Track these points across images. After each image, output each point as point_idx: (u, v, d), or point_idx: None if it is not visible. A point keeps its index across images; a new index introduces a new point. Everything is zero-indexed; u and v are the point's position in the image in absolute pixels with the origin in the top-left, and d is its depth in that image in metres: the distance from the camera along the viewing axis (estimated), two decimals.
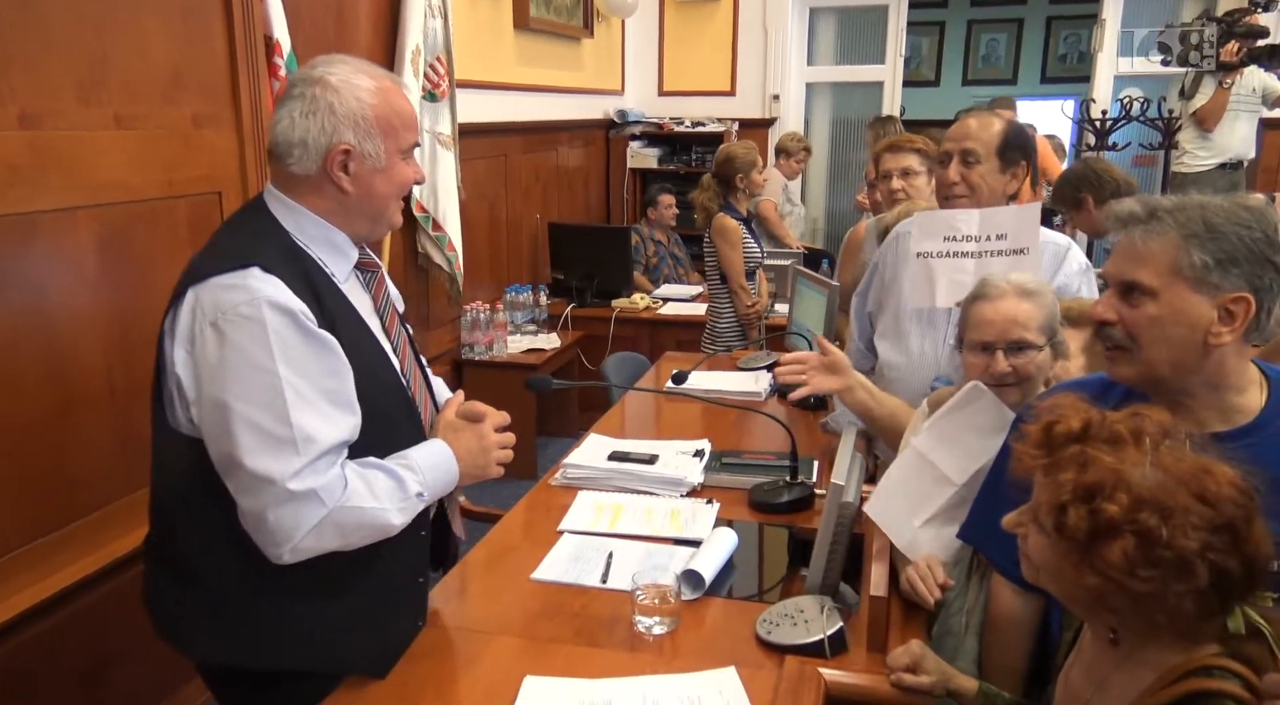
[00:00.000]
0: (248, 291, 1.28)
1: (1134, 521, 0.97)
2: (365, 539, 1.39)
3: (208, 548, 1.38)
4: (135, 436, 2.50)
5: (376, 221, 1.47)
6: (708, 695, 1.42)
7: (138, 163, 2.48)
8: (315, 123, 1.36)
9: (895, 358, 2.32)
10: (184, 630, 1.43)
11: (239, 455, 1.27)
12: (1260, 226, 1.22)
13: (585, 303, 4.89)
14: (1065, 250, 2.19)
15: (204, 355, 1.29)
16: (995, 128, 2.16)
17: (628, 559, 1.86)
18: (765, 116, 6.61)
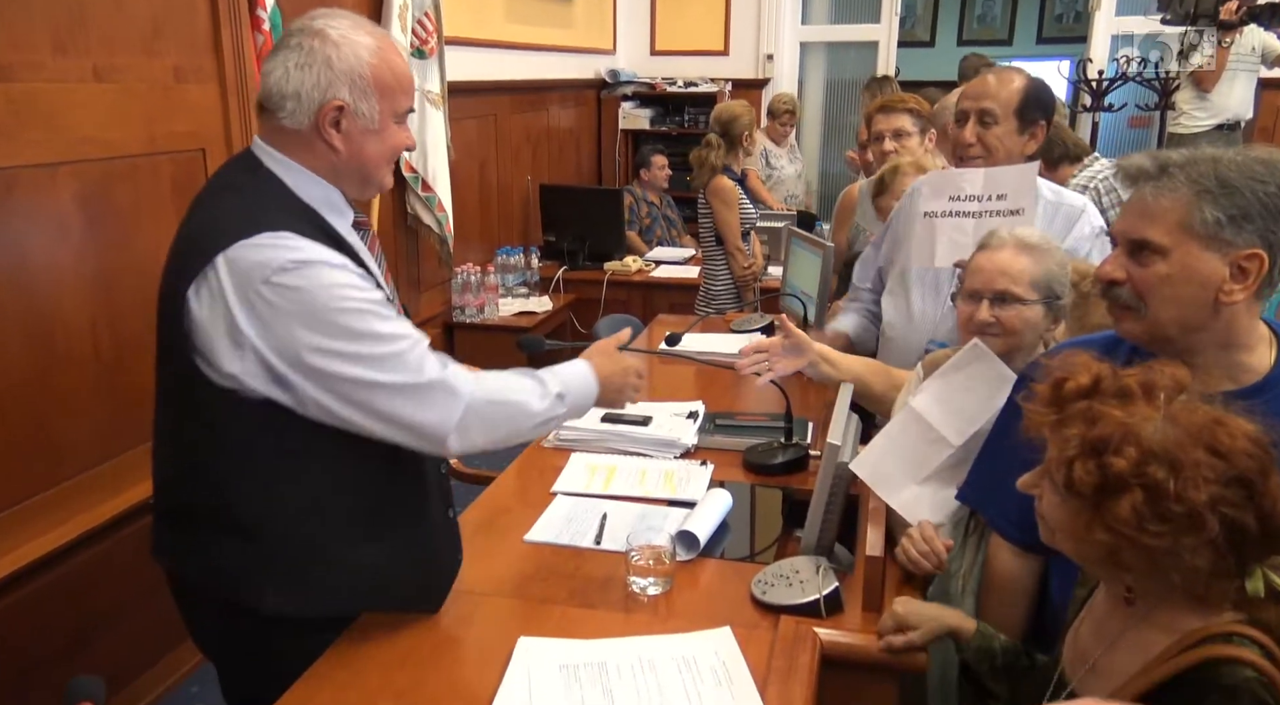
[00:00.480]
0: (287, 249, 1.27)
1: (1142, 475, 0.96)
2: (512, 432, 1.43)
3: (270, 504, 1.37)
4: (123, 398, 2.48)
5: (366, 183, 1.43)
6: (703, 655, 1.41)
7: (118, 117, 2.42)
8: (310, 76, 1.32)
9: (896, 317, 2.30)
10: (248, 586, 1.38)
11: (362, 382, 1.29)
12: (1275, 179, 1.18)
13: (577, 265, 4.85)
14: (1080, 212, 2.14)
15: (270, 313, 1.26)
16: (1015, 85, 2.08)
17: (622, 520, 1.84)
18: (759, 77, 6.53)
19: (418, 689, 1.37)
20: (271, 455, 1.35)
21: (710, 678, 1.36)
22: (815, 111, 7.14)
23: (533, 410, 1.44)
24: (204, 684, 2.74)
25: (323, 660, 1.43)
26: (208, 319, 1.28)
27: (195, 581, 1.45)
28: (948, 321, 2.17)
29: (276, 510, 1.37)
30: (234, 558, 1.38)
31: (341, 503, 1.40)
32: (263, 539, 1.38)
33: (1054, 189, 2.19)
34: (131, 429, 2.51)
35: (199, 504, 1.40)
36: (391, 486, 1.45)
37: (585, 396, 1.54)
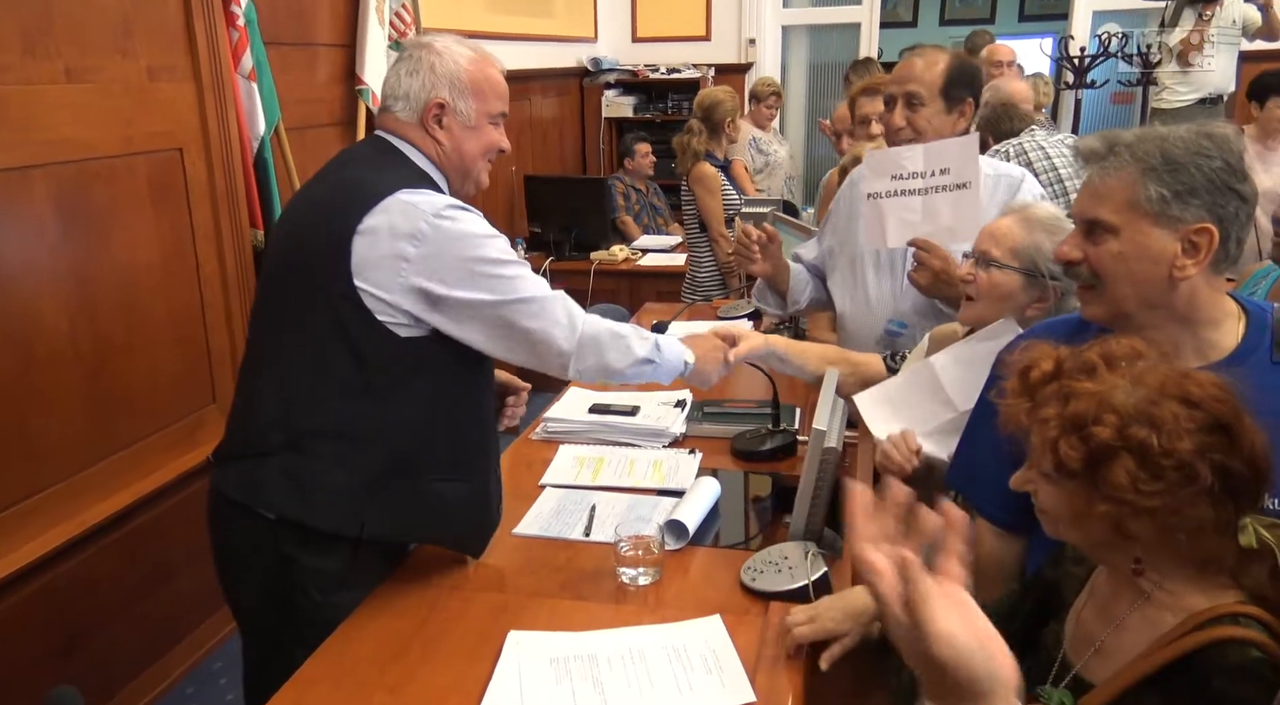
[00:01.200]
0: (441, 197, 1.51)
1: (1126, 438, 0.96)
2: (619, 359, 1.61)
3: (383, 436, 1.52)
4: (105, 402, 2.46)
5: (466, 177, 1.64)
6: (693, 644, 1.41)
7: (92, 118, 2.39)
8: (417, 80, 1.57)
9: (852, 305, 2.29)
10: (346, 510, 1.52)
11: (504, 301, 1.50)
12: (1221, 154, 1.20)
13: (564, 256, 4.83)
14: (1019, 182, 2.17)
15: (434, 244, 1.46)
16: (939, 67, 2.08)
17: (611, 511, 1.84)
18: (741, 61, 6.50)
19: (410, 684, 1.37)
20: (396, 386, 1.51)
21: (700, 666, 1.36)
22: (798, 95, 7.12)
23: (634, 347, 1.63)
24: (199, 685, 2.74)
25: (314, 657, 1.43)
26: (376, 254, 1.45)
27: (287, 518, 1.51)
28: (906, 300, 2.17)
29: (387, 441, 1.52)
30: (342, 488, 1.51)
31: (439, 438, 1.57)
32: (369, 469, 1.52)
33: (991, 163, 2.20)
34: (114, 433, 2.50)
35: (311, 441, 1.51)
36: (475, 432, 1.64)
37: (676, 358, 1.73)
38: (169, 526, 2.66)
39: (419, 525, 1.60)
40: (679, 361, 1.74)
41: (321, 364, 1.50)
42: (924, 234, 2.00)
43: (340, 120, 3.58)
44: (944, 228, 2.00)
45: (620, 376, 1.66)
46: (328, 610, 1.52)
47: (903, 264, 2.18)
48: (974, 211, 1.98)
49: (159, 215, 2.61)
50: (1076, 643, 1.14)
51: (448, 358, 1.54)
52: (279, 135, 3.06)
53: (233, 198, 2.85)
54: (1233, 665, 0.95)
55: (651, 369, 1.68)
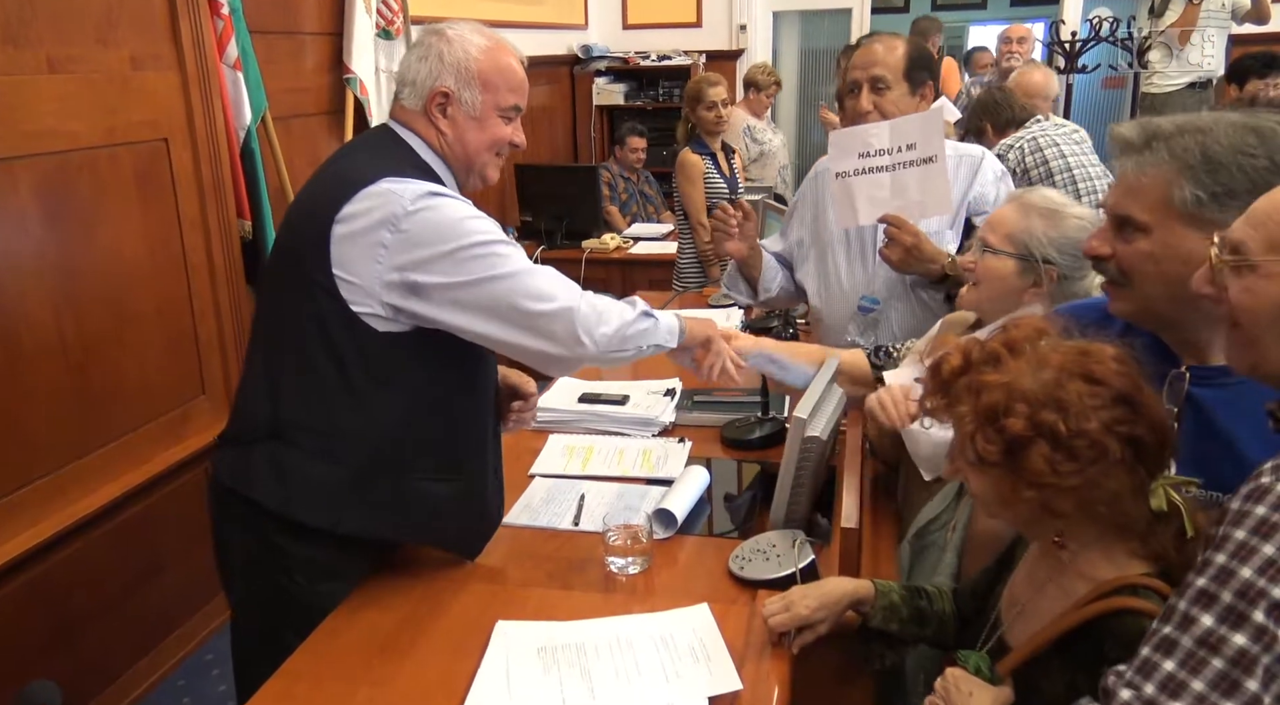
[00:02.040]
0: (422, 185, 1.45)
1: (1038, 426, 1.01)
2: (621, 326, 1.53)
3: (363, 433, 1.49)
4: (93, 395, 2.45)
5: (469, 171, 1.59)
6: (681, 633, 1.41)
7: (75, 109, 2.37)
8: (425, 67, 1.54)
9: (826, 294, 2.28)
10: (325, 505, 1.50)
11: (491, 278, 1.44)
12: (1267, 152, 1.12)
13: (555, 244, 4.82)
14: (979, 160, 2.19)
15: (412, 233, 1.42)
16: (900, 50, 2.10)
17: (599, 501, 1.84)
18: (732, 48, 6.48)
19: (397, 676, 1.36)
20: (377, 382, 1.48)
21: (688, 655, 1.36)
22: (790, 82, 7.09)
23: (628, 312, 1.56)
24: (190, 677, 2.74)
25: (300, 652, 1.43)
26: (354, 242, 1.42)
27: (269, 508, 1.49)
28: (878, 278, 2.18)
29: (365, 440, 1.49)
30: (316, 479, 1.49)
31: (426, 436, 1.53)
32: (348, 465, 1.49)
33: (950, 144, 2.20)
34: (103, 425, 2.49)
35: (294, 433, 1.49)
36: (468, 431, 1.59)
37: (670, 323, 1.65)
38: (159, 518, 2.66)
39: (403, 525, 1.56)
40: (671, 321, 1.68)
41: (303, 356, 1.48)
42: (894, 209, 2.02)
43: (328, 109, 3.56)
44: (913, 202, 2.02)
45: (627, 341, 1.57)
46: (315, 597, 1.52)
47: (873, 248, 2.19)
48: (942, 184, 2.00)
49: (145, 206, 2.60)
50: (1008, 603, 1.19)
51: (432, 355, 1.50)
52: (265, 125, 3.04)
53: (219, 188, 2.83)
54: (1125, 634, 1.00)
55: (652, 323, 1.63)
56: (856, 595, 1.35)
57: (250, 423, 1.54)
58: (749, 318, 3.13)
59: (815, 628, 1.35)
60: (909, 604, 1.35)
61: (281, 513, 1.49)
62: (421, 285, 1.43)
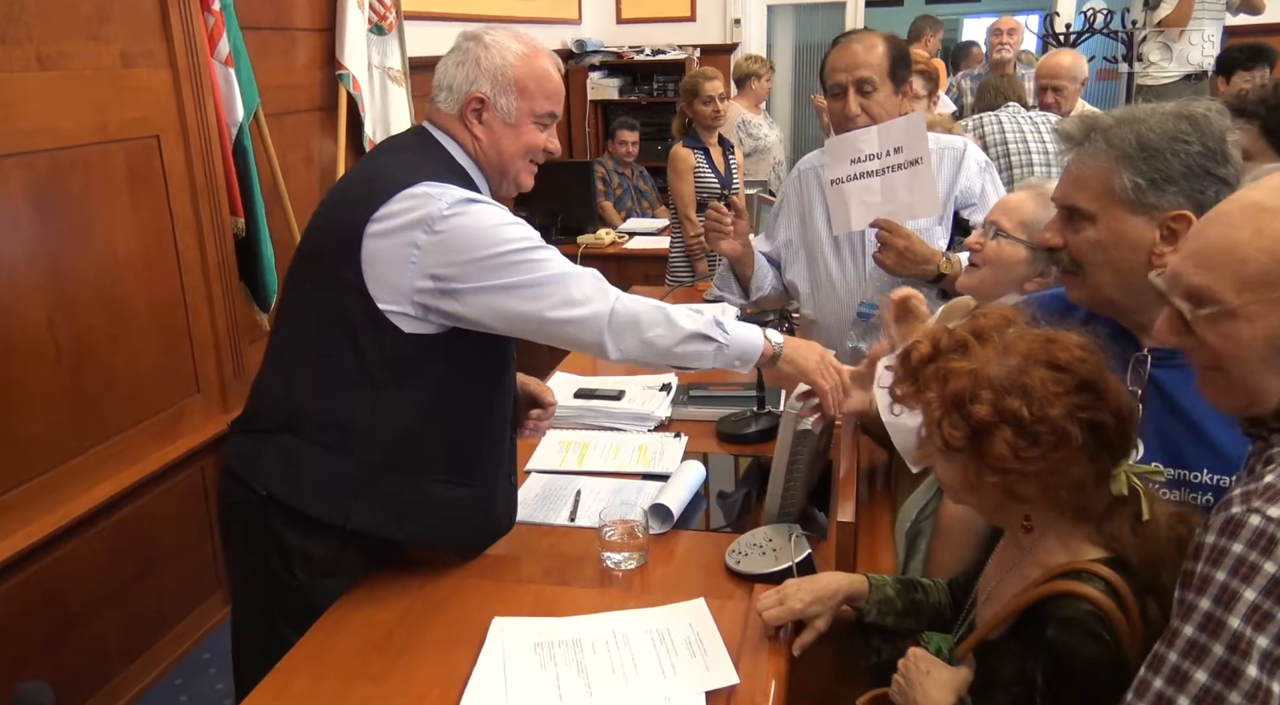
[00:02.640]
0: (458, 190, 1.46)
1: (1002, 412, 1.03)
2: (664, 336, 1.50)
3: (377, 430, 1.49)
4: (86, 393, 2.44)
5: (504, 177, 1.60)
6: (677, 628, 1.41)
7: (66, 106, 2.36)
8: (462, 72, 1.55)
9: (819, 295, 2.27)
10: (334, 499, 1.50)
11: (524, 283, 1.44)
12: (1200, 139, 1.18)
13: (550, 240, 4.74)
14: (962, 152, 2.19)
15: (446, 236, 1.42)
16: (880, 49, 2.08)
17: (596, 496, 1.83)
18: (727, 42, 6.46)
19: (393, 673, 1.36)
20: (397, 381, 1.48)
21: (684, 650, 1.36)
22: (785, 76, 7.09)
23: (681, 321, 1.52)
24: (187, 676, 2.73)
25: (298, 647, 1.43)
26: (388, 243, 1.43)
27: (275, 496, 1.49)
28: (874, 283, 2.17)
29: (376, 437, 1.49)
30: (330, 474, 1.49)
31: (441, 439, 1.53)
32: (360, 459, 1.49)
33: (932, 136, 2.19)
34: (98, 424, 2.48)
35: (305, 424, 1.50)
36: (483, 436, 1.58)
37: (749, 340, 1.59)
38: (155, 517, 2.65)
39: (411, 525, 1.56)
40: (754, 342, 1.59)
41: (324, 351, 1.49)
42: (885, 213, 2.02)
43: (321, 106, 3.55)
44: (903, 205, 2.02)
45: (673, 357, 1.54)
46: (313, 593, 1.51)
47: (863, 249, 2.19)
48: (929, 186, 2.01)
49: (137, 204, 2.59)
50: (982, 586, 1.23)
51: (456, 359, 1.50)
52: (258, 121, 3.03)
53: (212, 185, 2.82)
54: (1065, 616, 1.03)
55: (713, 349, 1.55)
56: (850, 590, 1.35)
57: (265, 411, 1.55)
58: (745, 312, 3.13)
59: (814, 625, 1.34)
60: (904, 597, 1.35)
61: (289, 504, 1.49)
62: (453, 289, 1.44)
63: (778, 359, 1.61)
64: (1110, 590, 1.03)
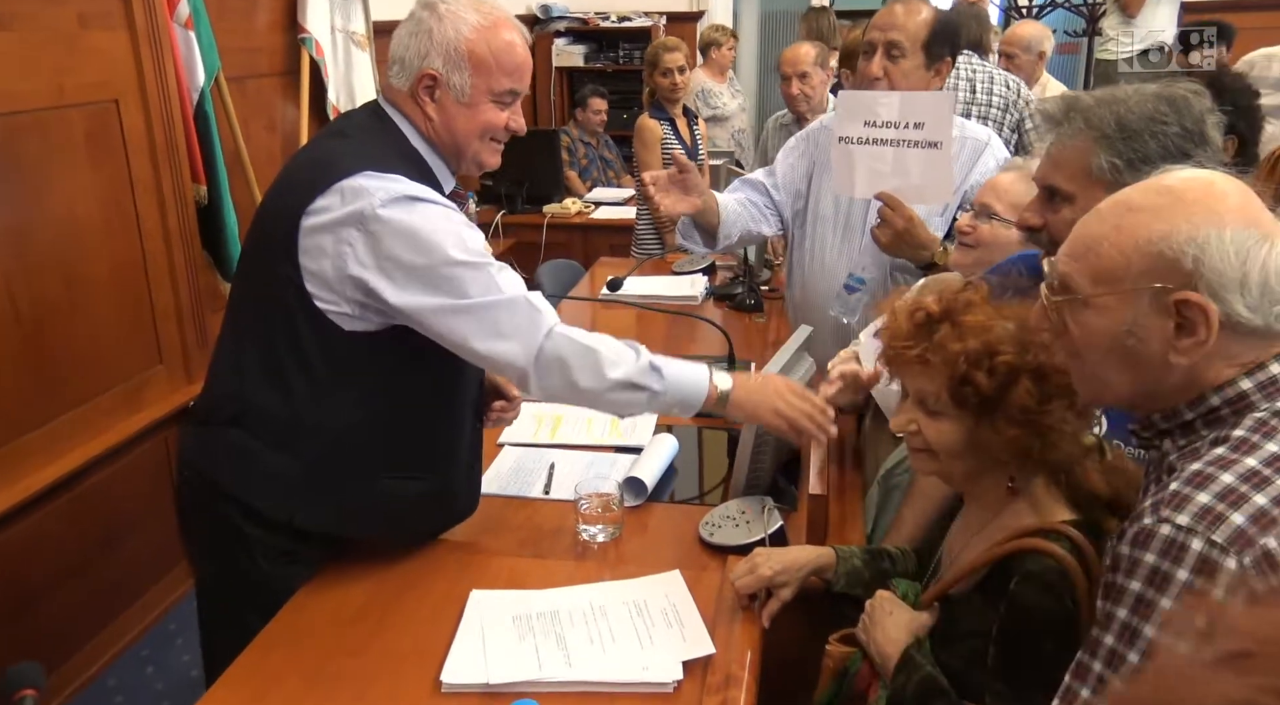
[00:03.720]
0: (402, 185, 1.37)
1: (1025, 362, 1.08)
2: (592, 381, 1.42)
3: (321, 426, 1.44)
4: (46, 362, 2.40)
5: (460, 157, 1.50)
6: (653, 598, 1.44)
7: (21, 68, 2.29)
8: (415, 44, 1.43)
9: (806, 268, 2.25)
10: (281, 496, 1.46)
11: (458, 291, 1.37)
12: (1179, 120, 1.21)
13: (516, 209, 4.77)
14: (984, 145, 2.12)
15: (379, 237, 1.35)
16: (922, 16, 2.00)
17: (569, 469, 1.85)
18: (693, 9, 6.40)
19: (372, 646, 1.37)
20: (339, 379, 1.43)
21: (661, 620, 1.39)
22: (750, 46, 7.05)
23: (607, 368, 1.42)
24: (154, 647, 2.72)
25: (275, 621, 1.43)
26: (321, 237, 1.36)
27: (228, 491, 1.47)
28: (866, 256, 2.13)
29: (324, 435, 1.45)
30: (276, 470, 1.45)
31: (385, 436, 1.48)
32: (305, 456, 1.45)
33: (958, 122, 2.12)
34: (58, 395, 2.44)
35: (253, 418, 1.45)
36: (439, 432, 1.53)
37: (690, 385, 1.48)
38: (118, 488, 2.62)
39: (364, 521, 1.52)
40: (695, 388, 1.47)
41: (268, 345, 1.44)
42: (892, 188, 1.94)
43: (282, 70, 3.47)
44: (912, 186, 1.95)
45: (601, 404, 1.48)
46: (277, 580, 1.49)
47: (861, 226, 2.15)
48: (945, 174, 1.93)
49: (96, 169, 2.52)
50: (948, 550, 1.28)
51: (404, 356, 1.44)
52: (219, 86, 2.96)
53: (172, 151, 2.76)
54: (1029, 571, 1.07)
55: (646, 398, 1.46)
56: (818, 563, 1.39)
57: (216, 404, 1.51)
58: (714, 284, 3.15)
59: (779, 594, 1.38)
60: (871, 567, 1.39)
61: (242, 500, 1.46)
62: (382, 295, 1.36)
63: (725, 403, 1.50)
64: (1075, 549, 1.07)
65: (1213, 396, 0.91)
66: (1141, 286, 0.89)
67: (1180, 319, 0.88)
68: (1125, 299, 0.90)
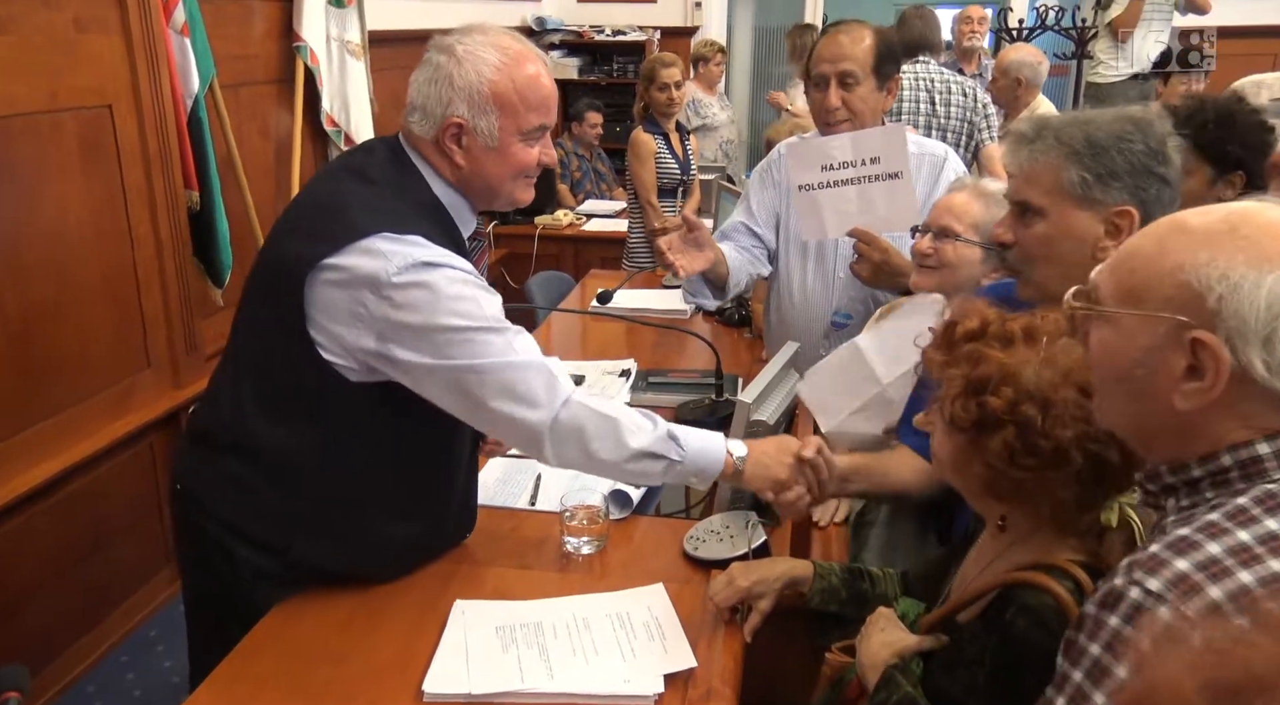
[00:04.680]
0: (419, 248, 1.34)
1: (1015, 413, 1.04)
2: (611, 450, 1.40)
3: (322, 469, 1.43)
4: (34, 367, 2.40)
5: (494, 196, 1.48)
6: (637, 611, 1.45)
7: (15, 72, 2.29)
8: (435, 91, 1.39)
9: (786, 301, 2.27)
10: (276, 528, 1.46)
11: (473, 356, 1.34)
12: (1143, 139, 1.27)
13: (508, 220, 4.78)
14: (943, 161, 2.17)
15: (394, 303, 1.33)
16: (868, 42, 2.05)
17: (555, 481, 1.85)
18: (687, 24, 6.46)
19: (355, 655, 1.37)
20: (342, 426, 1.42)
21: (643, 633, 1.40)
22: (744, 60, 7.11)
23: (628, 437, 1.41)
24: (133, 653, 2.71)
25: (259, 628, 1.43)
26: (333, 295, 1.34)
27: (222, 516, 1.46)
28: (848, 292, 2.17)
29: (325, 476, 1.44)
30: (273, 505, 1.45)
31: (384, 481, 1.47)
32: (304, 495, 1.44)
33: (914, 140, 2.18)
34: (45, 398, 2.44)
35: (253, 450, 1.44)
36: (435, 477, 1.53)
37: (708, 455, 1.46)
38: (103, 493, 2.61)
39: (357, 561, 1.50)
40: (713, 458, 1.46)
41: (270, 385, 1.43)
42: (862, 224, 1.99)
43: (277, 78, 3.48)
44: (880, 217, 1.99)
45: (618, 473, 1.47)
46: (266, 600, 1.48)
47: (834, 255, 2.19)
48: (909, 200, 1.97)
49: (89, 175, 2.53)
50: (958, 582, 1.26)
51: (408, 409, 1.41)
52: (214, 93, 2.97)
53: (166, 157, 2.76)
54: (1026, 605, 1.05)
55: (663, 467, 1.44)
56: (794, 574, 1.40)
57: (214, 428, 1.49)
58: None
59: (757, 606, 1.39)
60: (849, 586, 1.40)
61: (238, 528, 1.45)
62: (395, 357, 1.35)
63: (740, 474, 1.49)
64: (1078, 589, 1.04)
65: (1225, 456, 0.83)
66: (1162, 314, 0.82)
67: (1193, 360, 0.81)
68: (1144, 324, 0.84)
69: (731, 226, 2.32)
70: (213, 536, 1.47)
